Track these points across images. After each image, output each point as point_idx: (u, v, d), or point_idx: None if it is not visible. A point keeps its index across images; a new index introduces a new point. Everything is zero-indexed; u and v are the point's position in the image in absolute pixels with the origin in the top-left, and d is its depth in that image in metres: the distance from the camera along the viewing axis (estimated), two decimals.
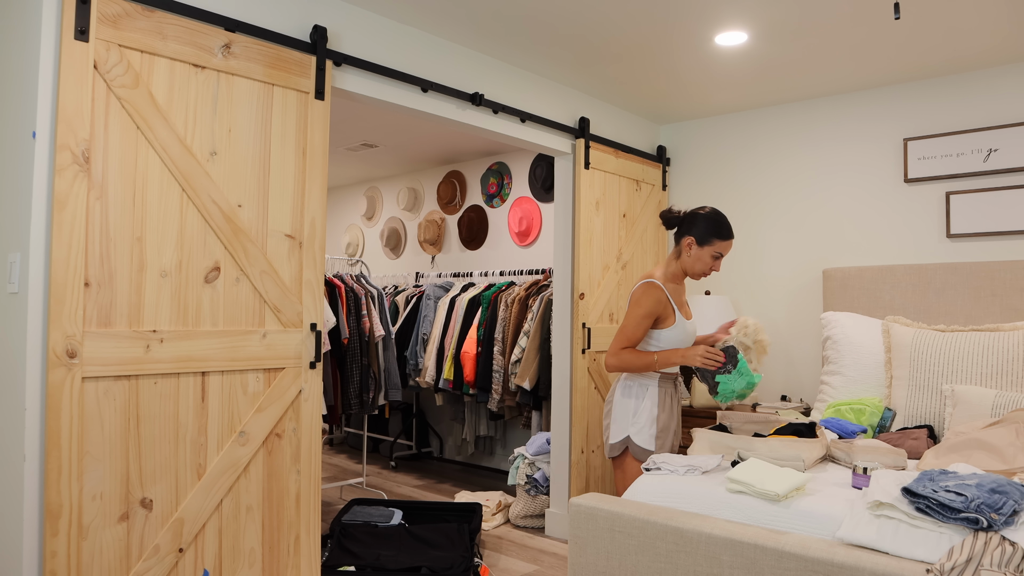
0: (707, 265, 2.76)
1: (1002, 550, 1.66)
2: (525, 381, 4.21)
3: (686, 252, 2.76)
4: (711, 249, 2.73)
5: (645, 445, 2.72)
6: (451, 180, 5.82)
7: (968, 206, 3.46)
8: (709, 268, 2.77)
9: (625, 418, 2.76)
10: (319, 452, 2.66)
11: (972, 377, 2.92)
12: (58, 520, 2.04)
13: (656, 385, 2.78)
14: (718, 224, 2.72)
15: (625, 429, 2.75)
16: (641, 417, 2.74)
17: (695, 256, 2.75)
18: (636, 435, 2.73)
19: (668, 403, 2.79)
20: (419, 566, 3.07)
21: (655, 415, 2.74)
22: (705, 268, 2.76)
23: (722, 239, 2.73)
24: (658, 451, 2.72)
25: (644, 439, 2.72)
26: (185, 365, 2.30)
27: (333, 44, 2.79)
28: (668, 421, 2.78)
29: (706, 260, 2.75)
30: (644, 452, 2.72)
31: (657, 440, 2.74)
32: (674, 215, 2.79)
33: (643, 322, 2.70)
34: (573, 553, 2.28)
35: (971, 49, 3.24)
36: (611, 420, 2.81)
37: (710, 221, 2.72)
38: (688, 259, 2.76)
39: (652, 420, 2.74)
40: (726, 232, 2.73)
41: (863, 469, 2.14)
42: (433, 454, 5.91)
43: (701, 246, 2.73)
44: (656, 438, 2.73)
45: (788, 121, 4.08)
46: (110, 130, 2.16)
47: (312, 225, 2.64)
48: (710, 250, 2.73)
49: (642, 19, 3.00)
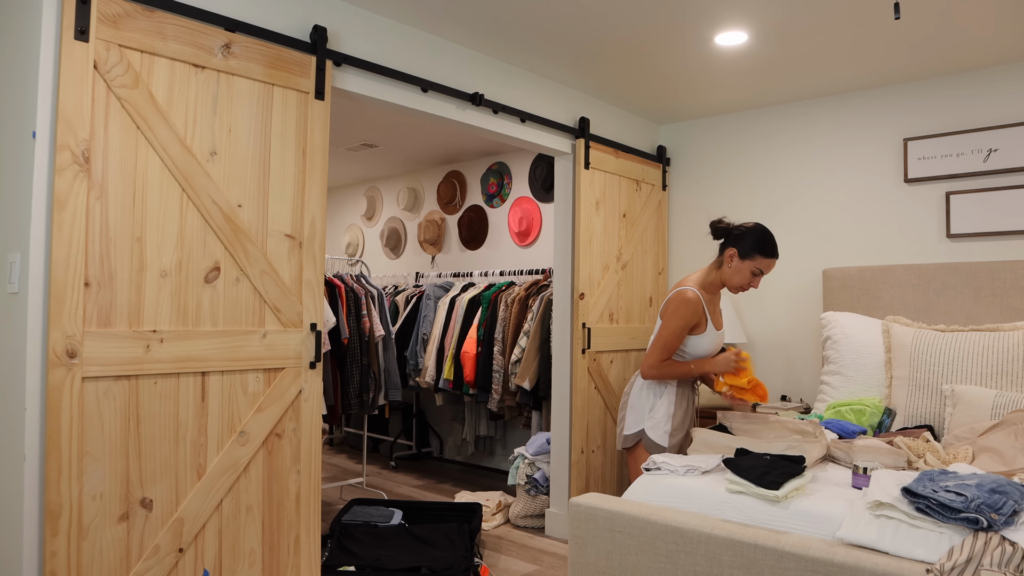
0: (746, 279, 2.77)
1: (1002, 550, 1.66)
2: (525, 381, 4.21)
3: (727, 263, 2.79)
4: (752, 264, 2.75)
5: (659, 440, 2.78)
6: (451, 180, 5.82)
7: (968, 206, 3.46)
8: (748, 283, 2.78)
9: (642, 412, 2.83)
10: (319, 452, 2.66)
11: (972, 377, 2.92)
12: (58, 520, 2.04)
13: (675, 384, 2.84)
14: (763, 240, 2.74)
15: (640, 422, 2.82)
16: (658, 412, 2.80)
17: (735, 268, 2.77)
18: (651, 430, 2.79)
19: (684, 404, 2.86)
20: (419, 566, 3.07)
21: (671, 412, 2.80)
22: (743, 282, 2.78)
23: (765, 256, 2.74)
24: (670, 449, 2.78)
25: (658, 435, 2.78)
26: (185, 365, 2.30)
27: (333, 44, 2.79)
28: (683, 421, 2.84)
29: (746, 274, 2.76)
30: (656, 447, 2.78)
31: (671, 438, 2.79)
32: (723, 226, 2.82)
33: (681, 334, 2.75)
34: (573, 553, 2.28)
35: (971, 49, 3.24)
36: (627, 412, 2.87)
37: (756, 236, 2.75)
38: (728, 271, 2.79)
39: (668, 417, 2.80)
40: (770, 250, 2.74)
41: (863, 469, 2.14)
42: (433, 454, 5.91)
43: (743, 259, 2.75)
44: (670, 435, 2.79)
45: (788, 121, 4.08)
46: (110, 130, 2.16)
47: (312, 225, 2.64)
48: (751, 265, 2.75)
49: (642, 19, 3.00)
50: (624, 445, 2.86)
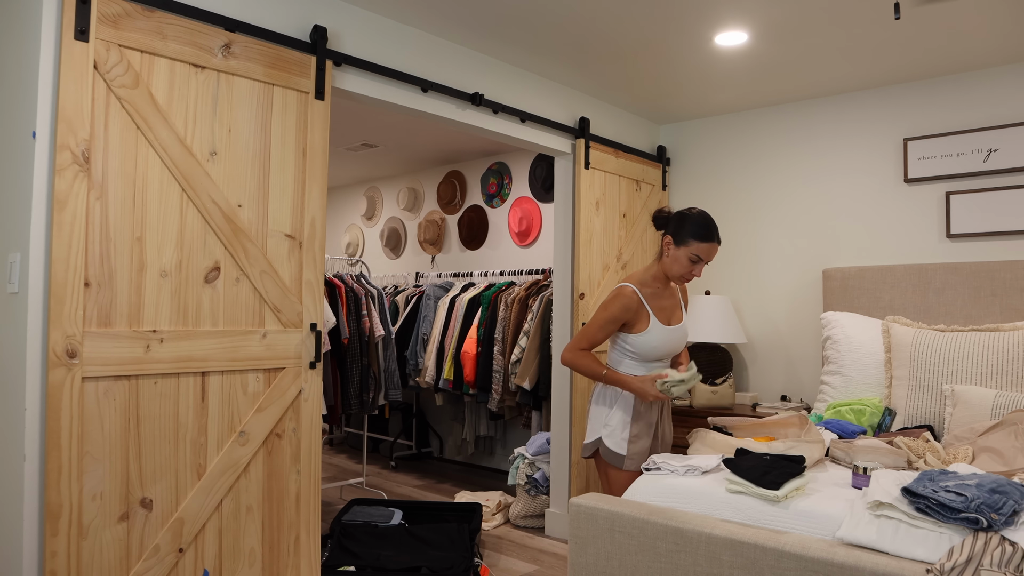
0: (685, 268, 2.59)
1: (1002, 550, 1.66)
2: (525, 381, 4.21)
3: (665, 252, 2.62)
4: (687, 250, 2.56)
5: (615, 448, 2.63)
6: (451, 180, 5.82)
7: (968, 206, 3.46)
8: (688, 271, 2.60)
9: (599, 418, 2.69)
10: (319, 452, 2.66)
11: (972, 377, 2.92)
12: (58, 520, 2.04)
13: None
14: (698, 225, 2.55)
15: (597, 431, 2.69)
16: (613, 420, 2.66)
17: (672, 257, 2.60)
18: (607, 438, 2.65)
19: (647, 407, 2.67)
20: (419, 566, 3.07)
21: (627, 420, 2.64)
22: (683, 271, 2.59)
23: (700, 240, 2.55)
24: (631, 458, 2.62)
25: (615, 442, 2.63)
26: (185, 365, 2.30)
27: (333, 44, 2.79)
28: (646, 427, 2.67)
29: (683, 262, 2.58)
30: (615, 456, 2.63)
31: (631, 445, 2.63)
32: (663, 214, 2.67)
33: (606, 327, 2.59)
34: (573, 553, 2.28)
35: (971, 49, 3.24)
36: (588, 421, 2.74)
37: (690, 221, 2.57)
38: (667, 260, 2.62)
39: (624, 424, 2.64)
40: (706, 234, 2.55)
41: (863, 469, 2.14)
42: (433, 454, 5.91)
43: (678, 246, 2.58)
44: (629, 443, 2.63)
45: (788, 121, 4.08)
46: (110, 130, 2.16)
47: (312, 225, 2.64)
48: (687, 251, 2.56)
49: (642, 19, 3.00)
50: (584, 454, 2.72)
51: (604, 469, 2.68)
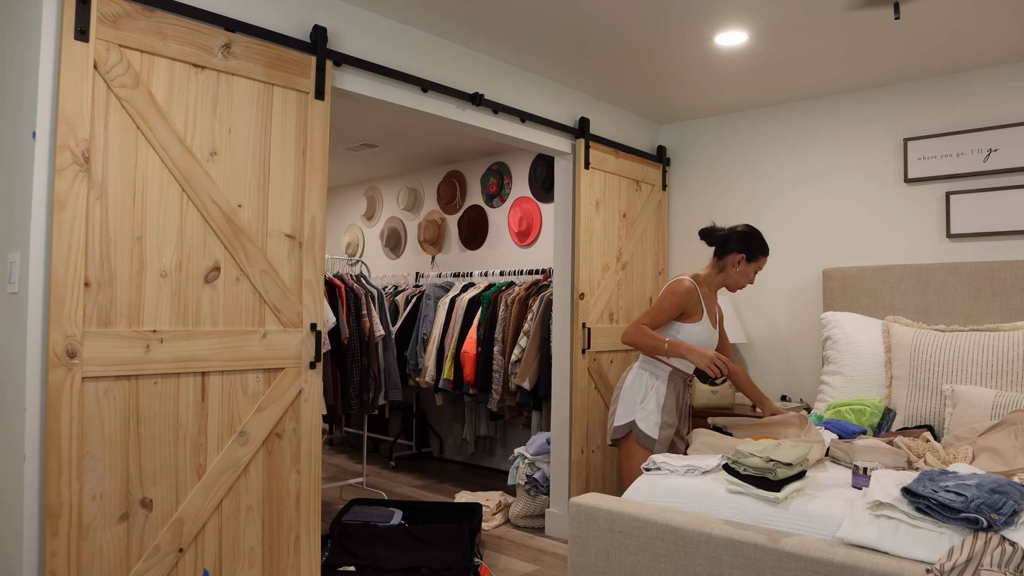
0: (749, 279, 2.94)
1: (1002, 550, 1.66)
2: (525, 381, 4.21)
3: (733, 267, 2.91)
4: (756, 265, 2.93)
5: (649, 432, 2.79)
6: (451, 180, 5.82)
7: (968, 206, 3.46)
8: (749, 281, 2.96)
9: (633, 403, 2.85)
10: (319, 452, 2.66)
11: (972, 377, 2.92)
12: (58, 520, 2.04)
13: (666, 380, 2.87)
14: (763, 242, 2.93)
15: (631, 413, 2.84)
16: (649, 404, 2.82)
17: (742, 271, 2.91)
18: (642, 421, 2.81)
19: (675, 398, 2.87)
20: (419, 566, 3.07)
21: (662, 404, 2.82)
22: (747, 282, 2.95)
23: (766, 255, 2.94)
24: (660, 443, 2.78)
25: (649, 426, 2.80)
26: (185, 365, 2.30)
27: (333, 44, 2.79)
28: (673, 415, 2.85)
29: (750, 275, 2.93)
30: (647, 439, 2.78)
31: (661, 430, 2.80)
32: (717, 233, 2.94)
33: (671, 311, 2.83)
34: (573, 553, 2.28)
35: (971, 49, 3.24)
36: (619, 405, 2.89)
37: (757, 239, 2.92)
38: (735, 274, 2.92)
39: (659, 408, 2.82)
40: (767, 249, 2.95)
41: (863, 469, 2.14)
42: (433, 454, 5.91)
43: (750, 263, 2.91)
44: (660, 428, 2.80)
45: (788, 121, 4.08)
46: (110, 130, 2.16)
47: (312, 225, 2.64)
48: (755, 266, 2.93)
49: (642, 19, 3.00)
50: (614, 436, 2.87)
51: (630, 451, 2.83)
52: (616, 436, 2.87)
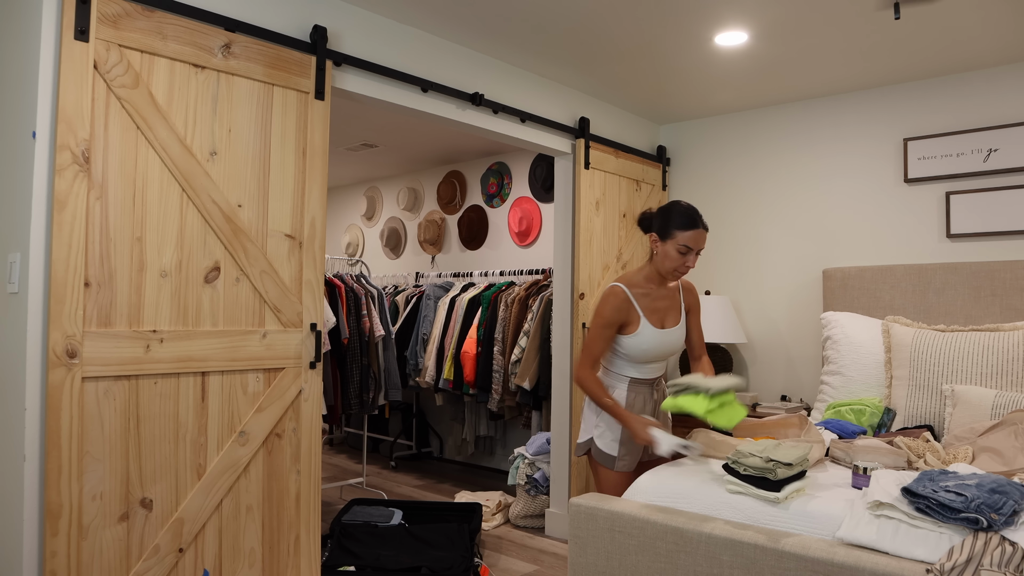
0: (676, 261, 2.50)
1: (1002, 550, 1.66)
2: (525, 381, 4.21)
3: (653, 249, 2.56)
4: (674, 243, 2.48)
5: (607, 450, 2.56)
6: (451, 180, 5.82)
7: (968, 206, 3.46)
8: (680, 264, 2.50)
9: (589, 421, 2.62)
10: (319, 452, 2.66)
11: (972, 377, 2.92)
12: (58, 520, 2.04)
13: (625, 389, 2.59)
14: (680, 214, 2.48)
15: (589, 432, 2.62)
16: (605, 418, 2.58)
17: (661, 253, 2.52)
18: (598, 438, 2.59)
19: (639, 408, 2.61)
20: (419, 566, 3.07)
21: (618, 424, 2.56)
22: (675, 264, 2.50)
23: (684, 229, 2.46)
24: (620, 457, 2.55)
25: (606, 443, 2.57)
26: (185, 365, 2.30)
27: (333, 44, 2.79)
28: None
29: (673, 255, 2.49)
30: (606, 456, 2.57)
31: (622, 446, 2.55)
32: (645, 215, 2.61)
33: (603, 332, 2.51)
34: (573, 553, 2.28)
35: (971, 49, 3.24)
36: (582, 420, 2.67)
37: (672, 213, 2.49)
38: (657, 257, 2.55)
39: (615, 426, 2.56)
40: (688, 221, 2.46)
41: (863, 469, 2.14)
42: (433, 454, 5.91)
43: (664, 240, 2.50)
44: (621, 444, 2.56)
45: (788, 121, 4.08)
46: (110, 130, 2.16)
47: (312, 225, 2.64)
48: (673, 244, 2.48)
49: (642, 19, 3.00)
50: (576, 453, 2.65)
51: (595, 469, 2.62)
52: (578, 453, 2.65)
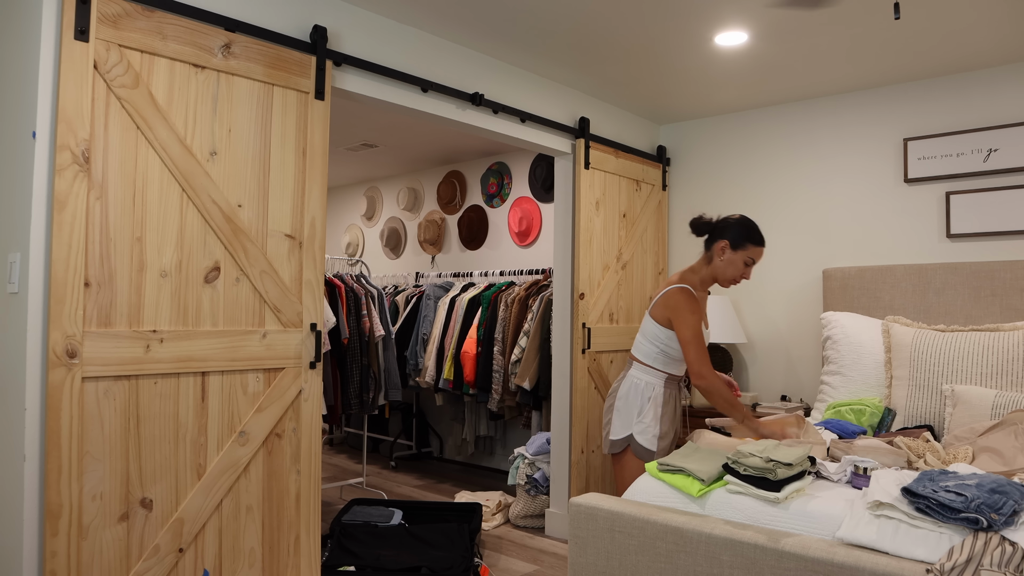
0: (739, 271, 2.74)
1: (1002, 550, 1.66)
2: (525, 381, 4.21)
3: (718, 256, 2.75)
4: (744, 254, 2.73)
5: (647, 445, 2.72)
6: (451, 180, 5.82)
7: (968, 206, 3.46)
8: (740, 274, 2.75)
9: (629, 416, 2.75)
10: (319, 452, 2.66)
11: (972, 377, 2.92)
12: (58, 520, 2.04)
13: (663, 386, 2.77)
14: (752, 229, 2.74)
15: (628, 427, 2.74)
16: (646, 417, 2.73)
17: (728, 260, 2.73)
18: (640, 435, 2.72)
19: (672, 405, 2.80)
20: (419, 566, 3.07)
21: (660, 415, 2.74)
22: (737, 274, 2.74)
23: (755, 244, 2.74)
24: (659, 453, 2.72)
25: (647, 439, 2.72)
26: (185, 365, 2.30)
27: (333, 44, 2.79)
28: (671, 424, 2.79)
29: (739, 265, 2.73)
30: (646, 452, 2.72)
31: (660, 441, 2.73)
32: (705, 221, 2.79)
33: (701, 326, 2.68)
34: (573, 553, 2.28)
35: (971, 49, 3.24)
36: (613, 415, 2.79)
37: (744, 226, 2.74)
38: (720, 263, 2.74)
39: (657, 420, 2.73)
40: (759, 237, 2.74)
41: (863, 469, 2.14)
42: (433, 454, 5.91)
43: (735, 250, 2.73)
44: (659, 439, 2.73)
45: (788, 121, 4.08)
46: (110, 130, 2.16)
47: (312, 225, 2.64)
48: (743, 255, 2.73)
49: (642, 19, 3.00)
50: (612, 450, 2.76)
51: (626, 463, 2.75)
52: (614, 450, 2.77)
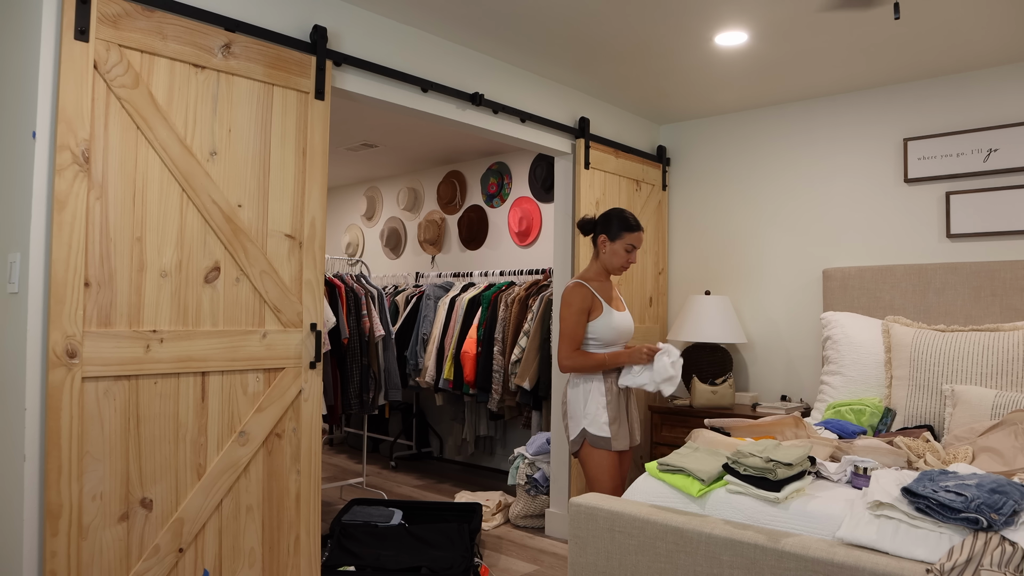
0: (622, 258, 2.93)
1: (1002, 550, 1.66)
2: (525, 381, 4.21)
3: (602, 250, 2.95)
4: (622, 243, 2.92)
5: (600, 433, 2.82)
6: (451, 180, 5.82)
7: (968, 206, 3.46)
8: (626, 260, 2.94)
9: (577, 413, 2.87)
10: (319, 452, 2.66)
11: (972, 377, 2.92)
12: (58, 520, 2.04)
13: (600, 378, 2.88)
14: (623, 219, 2.93)
15: (579, 424, 2.86)
16: (591, 408, 2.85)
17: (610, 251, 2.93)
18: (590, 425, 2.84)
19: (615, 391, 2.88)
20: (419, 566, 3.07)
21: (604, 403, 2.84)
22: (622, 261, 2.94)
23: (630, 231, 2.92)
24: (614, 437, 2.81)
25: (598, 427, 2.83)
26: (185, 365, 2.30)
27: (333, 44, 2.79)
28: (618, 410, 2.87)
29: (621, 253, 2.93)
30: (602, 440, 2.81)
31: (612, 426, 2.82)
32: (588, 220, 2.98)
33: (579, 318, 2.86)
34: (573, 553, 2.28)
35: (971, 49, 3.24)
36: (568, 419, 2.92)
37: (616, 217, 2.93)
38: (605, 255, 2.95)
39: (603, 408, 2.84)
40: (632, 225, 2.93)
41: (863, 469, 2.14)
42: (433, 454, 5.91)
43: (613, 241, 2.92)
44: (610, 424, 2.82)
45: (788, 121, 4.08)
46: (110, 130, 2.16)
47: (312, 225, 2.64)
48: (622, 244, 2.92)
49: (642, 19, 3.00)
50: (573, 450, 2.90)
51: (589, 457, 2.85)
52: (573, 449, 2.89)
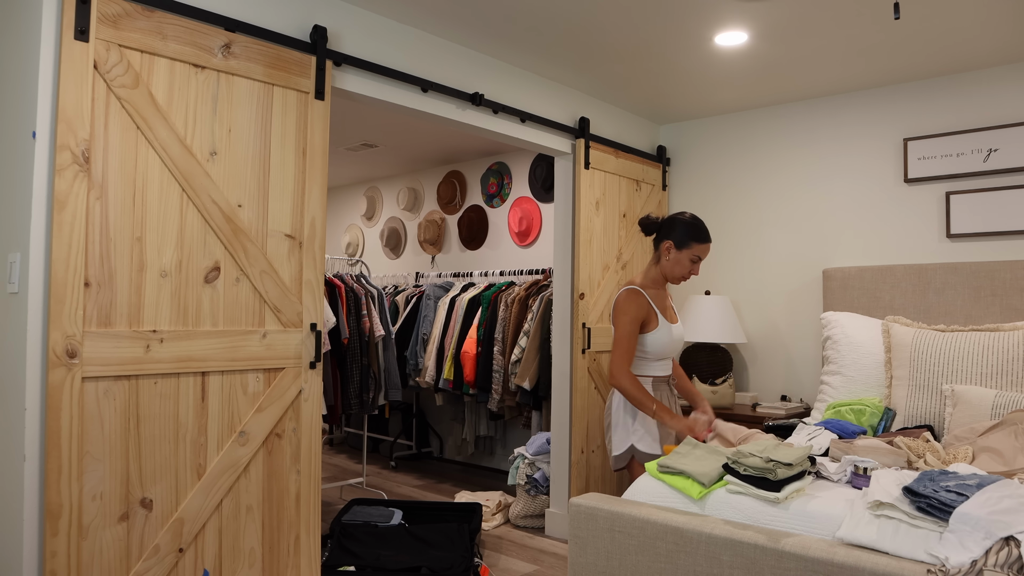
0: (685, 268, 2.81)
1: (1008, 551, 1.66)
2: (525, 381, 4.21)
3: (665, 256, 2.82)
4: (689, 252, 2.79)
5: (650, 450, 2.76)
6: (451, 180, 5.82)
7: (968, 206, 3.46)
8: (688, 271, 2.82)
9: (626, 426, 2.79)
10: (319, 452, 2.66)
11: (972, 377, 2.92)
12: (58, 520, 2.04)
13: (649, 389, 2.83)
14: (696, 228, 2.79)
15: (627, 439, 2.78)
16: (640, 427, 2.78)
17: (674, 260, 2.81)
18: (639, 441, 2.77)
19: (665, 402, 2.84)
20: (419, 566, 3.07)
21: (651, 425, 2.78)
22: (684, 271, 2.82)
23: (699, 242, 2.79)
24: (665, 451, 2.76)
25: (648, 444, 2.76)
26: (185, 365, 2.30)
27: (333, 44, 2.79)
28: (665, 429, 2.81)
29: (684, 263, 2.80)
30: (650, 457, 2.76)
31: (662, 443, 2.78)
32: (652, 221, 2.84)
33: (632, 328, 2.75)
34: (573, 553, 2.28)
35: (971, 49, 3.24)
36: (613, 432, 2.83)
37: (688, 225, 2.79)
38: (667, 263, 2.82)
39: (654, 424, 2.78)
40: (704, 235, 2.80)
41: (863, 469, 2.14)
42: (433, 454, 5.91)
43: (680, 250, 2.79)
44: (660, 441, 2.78)
45: (788, 121, 4.08)
46: (110, 130, 2.16)
47: (312, 225, 2.64)
48: (688, 253, 2.79)
49: (642, 19, 3.00)
50: (617, 466, 2.81)
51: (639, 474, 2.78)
52: (619, 466, 2.81)
